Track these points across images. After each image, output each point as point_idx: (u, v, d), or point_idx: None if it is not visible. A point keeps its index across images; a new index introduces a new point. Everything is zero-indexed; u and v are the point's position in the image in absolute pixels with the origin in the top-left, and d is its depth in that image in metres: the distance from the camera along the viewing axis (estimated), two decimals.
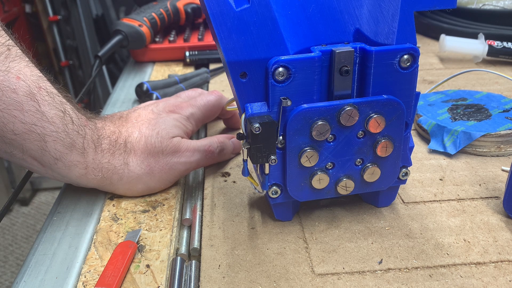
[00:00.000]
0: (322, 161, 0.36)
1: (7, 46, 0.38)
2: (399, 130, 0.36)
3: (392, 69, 0.34)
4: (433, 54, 0.77)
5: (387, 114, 0.35)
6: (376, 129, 0.35)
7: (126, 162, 0.43)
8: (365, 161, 0.37)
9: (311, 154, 0.35)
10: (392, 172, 0.38)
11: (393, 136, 0.36)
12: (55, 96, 0.40)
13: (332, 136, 0.35)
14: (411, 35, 0.35)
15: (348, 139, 0.36)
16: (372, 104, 0.35)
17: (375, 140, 0.36)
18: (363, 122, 0.35)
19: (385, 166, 0.37)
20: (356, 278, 0.35)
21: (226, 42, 0.33)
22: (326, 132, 0.34)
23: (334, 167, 0.37)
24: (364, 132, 0.36)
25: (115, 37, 0.76)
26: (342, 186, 0.37)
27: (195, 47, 0.81)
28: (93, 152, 0.41)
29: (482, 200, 0.43)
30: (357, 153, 0.36)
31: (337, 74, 0.34)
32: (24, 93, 0.37)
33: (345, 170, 0.37)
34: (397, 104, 0.35)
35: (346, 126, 0.35)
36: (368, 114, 0.35)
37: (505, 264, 0.35)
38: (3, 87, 0.36)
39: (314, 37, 0.35)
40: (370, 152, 0.36)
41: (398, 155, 0.37)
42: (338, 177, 0.37)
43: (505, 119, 0.51)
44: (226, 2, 0.32)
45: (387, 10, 0.34)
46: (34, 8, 1.61)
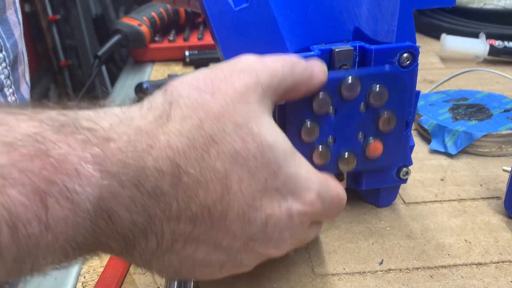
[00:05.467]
0: (323, 136, 0.35)
1: None
2: (402, 103, 0.35)
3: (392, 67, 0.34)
4: (434, 54, 0.77)
5: (389, 86, 0.34)
6: (378, 102, 0.34)
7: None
8: (367, 135, 0.35)
9: (312, 128, 0.34)
10: (394, 148, 0.37)
11: (396, 110, 0.35)
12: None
13: (333, 109, 0.34)
14: (411, 34, 0.34)
15: (350, 112, 0.34)
16: (374, 76, 0.33)
17: (377, 113, 0.35)
18: (365, 94, 0.34)
19: (388, 141, 0.36)
20: (356, 279, 0.35)
21: (225, 41, 0.32)
22: (327, 104, 0.33)
23: (336, 142, 0.35)
24: (366, 105, 0.34)
25: (114, 36, 0.76)
26: (344, 162, 0.36)
27: (195, 47, 0.81)
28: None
29: (483, 201, 0.42)
30: (359, 127, 0.35)
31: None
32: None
33: (346, 145, 0.36)
34: (399, 76, 0.34)
35: (347, 98, 0.34)
36: (369, 86, 0.34)
37: (506, 265, 0.35)
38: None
39: (314, 36, 0.35)
40: (372, 126, 0.35)
41: (401, 130, 0.36)
42: (339, 153, 0.36)
43: (506, 119, 0.51)
44: (225, 2, 0.32)
45: (386, 9, 0.34)
46: (33, 7, 1.60)
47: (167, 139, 0.24)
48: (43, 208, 0.20)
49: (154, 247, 0.25)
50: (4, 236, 0.19)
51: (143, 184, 0.23)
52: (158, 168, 0.23)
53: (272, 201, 0.27)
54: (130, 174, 0.22)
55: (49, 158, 0.20)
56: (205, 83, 0.26)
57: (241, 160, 0.25)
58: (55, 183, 0.20)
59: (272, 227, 0.27)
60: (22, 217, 0.19)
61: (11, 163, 0.19)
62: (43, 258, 0.21)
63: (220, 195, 0.25)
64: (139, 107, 0.25)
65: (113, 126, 0.23)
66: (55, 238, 0.21)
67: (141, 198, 0.23)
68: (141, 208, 0.23)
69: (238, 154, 0.25)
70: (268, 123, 0.27)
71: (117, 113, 0.24)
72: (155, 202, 0.23)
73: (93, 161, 0.21)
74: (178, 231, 0.25)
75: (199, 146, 0.24)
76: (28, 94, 0.48)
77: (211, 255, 0.27)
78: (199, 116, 0.25)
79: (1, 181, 0.19)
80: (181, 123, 0.24)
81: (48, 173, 0.20)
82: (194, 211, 0.25)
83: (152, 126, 0.24)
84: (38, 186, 0.20)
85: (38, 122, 0.21)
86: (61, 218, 0.20)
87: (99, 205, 0.22)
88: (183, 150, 0.24)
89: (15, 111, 0.21)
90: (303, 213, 0.28)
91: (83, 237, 0.22)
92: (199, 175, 0.24)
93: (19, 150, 0.20)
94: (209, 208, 0.25)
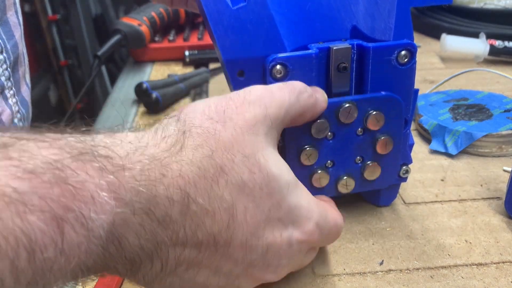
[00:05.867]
0: (322, 159, 0.36)
1: None
2: (399, 127, 0.36)
3: (390, 65, 0.34)
4: (434, 54, 0.76)
5: (386, 110, 0.35)
6: (375, 126, 0.35)
7: None
8: (365, 158, 0.37)
9: (311, 152, 0.35)
10: (392, 170, 0.38)
11: (393, 133, 0.36)
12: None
13: (331, 134, 0.35)
14: (408, 31, 0.34)
15: (348, 136, 0.35)
16: (371, 101, 0.34)
17: (375, 137, 0.36)
18: (362, 119, 0.35)
19: (385, 163, 0.37)
20: (357, 279, 0.34)
21: (223, 40, 0.32)
22: (325, 129, 0.34)
23: (334, 165, 0.36)
24: (363, 129, 0.35)
25: (114, 36, 0.76)
26: (342, 185, 0.37)
27: (194, 47, 0.81)
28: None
29: (484, 201, 0.42)
30: (357, 150, 0.36)
31: (334, 71, 0.34)
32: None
33: (345, 168, 0.37)
34: (396, 101, 0.35)
35: (345, 123, 0.35)
36: (367, 110, 0.35)
37: (506, 265, 0.35)
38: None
39: (311, 34, 0.35)
40: (370, 150, 0.36)
41: (398, 152, 0.37)
42: (338, 176, 0.37)
43: (507, 119, 0.50)
44: (222, 1, 0.32)
45: (384, 7, 0.34)
46: (33, 7, 1.60)
47: (179, 168, 0.24)
48: (60, 234, 0.20)
49: (158, 270, 0.26)
50: (22, 261, 0.19)
51: (154, 211, 0.23)
52: (169, 196, 0.24)
53: (273, 230, 0.28)
54: (142, 202, 0.23)
55: (67, 186, 0.21)
56: (217, 112, 0.27)
57: (247, 190, 0.26)
58: (72, 210, 0.21)
59: (272, 254, 0.28)
60: (39, 242, 0.20)
61: (32, 190, 0.20)
62: (54, 281, 0.21)
63: (226, 224, 0.26)
64: (153, 133, 0.26)
65: (129, 154, 0.23)
66: (68, 262, 0.21)
67: (150, 225, 0.24)
68: (150, 235, 0.24)
69: (245, 185, 0.26)
70: (273, 155, 0.28)
71: (132, 141, 0.25)
72: (163, 229, 0.24)
73: (108, 189, 0.22)
74: (183, 256, 0.26)
75: (209, 176, 0.25)
76: (28, 96, 0.48)
77: (211, 279, 0.28)
78: (211, 146, 0.26)
79: (22, 208, 0.19)
80: (193, 152, 0.25)
81: (66, 200, 0.20)
82: (200, 238, 0.25)
83: (165, 154, 0.24)
84: (56, 212, 0.20)
85: (58, 149, 0.22)
86: (76, 243, 0.21)
87: (111, 232, 0.22)
88: (194, 179, 0.25)
89: (35, 138, 0.22)
90: (302, 242, 0.29)
91: (93, 261, 0.22)
92: (207, 204, 0.25)
93: (40, 177, 0.20)
94: (215, 236, 0.26)
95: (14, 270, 0.19)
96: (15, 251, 0.19)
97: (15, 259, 0.19)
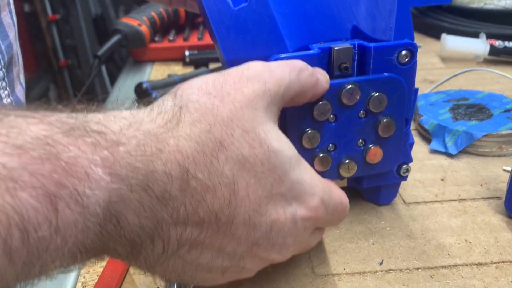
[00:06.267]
0: (324, 142, 0.35)
1: None
2: (401, 109, 0.35)
3: (391, 65, 0.34)
4: (434, 54, 0.77)
5: (388, 92, 0.34)
6: (378, 108, 0.34)
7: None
8: (367, 142, 0.36)
9: (313, 135, 0.34)
10: (394, 154, 0.37)
11: (395, 115, 0.35)
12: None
13: (334, 116, 0.34)
14: (409, 31, 0.34)
15: (350, 119, 0.35)
16: (374, 82, 0.34)
17: (377, 119, 0.35)
18: (364, 101, 0.34)
19: (388, 146, 0.36)
20: (357, 279, 0.34)
21: (225, 41, 0.32)
22: (327, 112, 0.34)
23: (336, 149, 0.36)
24: (365, 111, 0.35)
25: (114, 36, 0.76)
26: (344, 168, 0.36)
27: (194, 47, 0.81)
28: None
29: (484, 201, 0.42)
30: (359, 133, 0.35)
31: (336, 71, 0.34)
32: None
33: (347, 152, 0.36)
34: (398, 82, 0.34)
35: (347, 105, 0.34)
36: (369, 92, 0.34)
37: (506, 265, 0.35)
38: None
39: (313, 34, 0.35)
40: (372, 132, 0.36)
41: (401, 136, 0.36)
42: (340, 159, 0.36)
43: (507, 119, 0.50)
44: (223, 1, 0.32)
45: (384, 7, 0.34)
46: (32, 7, 1.60)
47: (177, 143, 0.24)
48: (54, 211, 0.19)
49: (160, 252, 0.25)
50: (15, 240, 0.18)
51: (152, 188, 0.23)
52: (167, 172, 0.23)
53: (277, 207, 0.27)
54: (139, 178, 0.22)
55: (59, 161, 0.20)
56: (215, 87, 0.26)
57: (248, 166, 0.26)
58: (66, 186, 0.20)
59: (276, 232, 0.27)
60: (33, 220, 0.19)
61: (22, 166, 0.19)
62: (51, 262, 0.21)
63: (227, 200, 0.25)
64: (148, 110, 0.25)
65: (123, 130, 0.23)
66: (65, 241, 0.20)
67: (149, 202, 0.23)
68: (149, 212, 0.23)
69: (246, 160, 0.26)
70: (274, 130, 0.27)
71: (126, 117, 0.24)
72: (163, 206, 0.23)
73: (102, 164, 0.21)
74: (185, 236, 0.25)
75: (208, 151, 0.24)
76: (23, 96, 0.48)
77: (215, 260, 0.27)
78: (209, 120, 0.25)
79: (12, 184, 0.18)
80: (190, 127, 0.24)
81: (58, 176, 0.20)
82: (201, 216, 0.25)
83: (161, 130, 0.24)
84: (49, 189, 0.19)
85: (48, 125, 0.21)
86: (71, 221, 0.20)
87: (108, 209, 0.22)
88: (192, 154, 0.24)
89: (25, 114, 0.21)
90: (307, 218, 0.28)
91: (91, 241, 0.22)
92: (207, 180, 0.24)
93: (30, 153, 0.19)
94: (216, 213, 0.25)
95: (7, 250, 0.18)
96: (7, 229, 0.18)
97: (8, 238, 0.18)
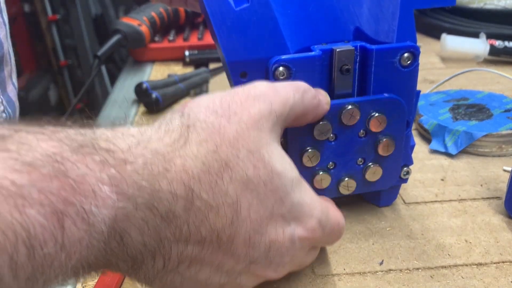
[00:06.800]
0: (324, 161, 0.36)
1: None
2: (401, 129, 0.36)
3: (393, 67, 0.34)
4: (434, 54, 0.77)
5: (388, 112, 0.35)
6: (378, 128, 0.35)
7: None
8: (366, 160, 0.37)
9: (313, 154, 0.35)
10: (393, 171, 0.38)
11: (395, 135, 0.36)
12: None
13: (334, 136, 0.35)
14: (411, 33, 0.34)
15: (350, 138, 0.35)
16: (373, 103, 0.34)
17: (377, 139, 0.36)
18: (364, 121, 0.35)
19: (387, 165, 0.37)
20: (357, 279, 0.34)
21: (226, 42, 0.32)
22: (328, 131, 0.34)
23: (336, 167, 0.36)
24: (365, 131, 0.35)
25: (114, 36, 0.76)
26: (344, 186, 0.37)
27: (194, 47, 0.81)
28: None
29: (484, 201, 0.42)
30: (359, 152, 0.36)
31: (337, 73, 0.34)
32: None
33: (346, 170, 0.37)
34: (398, 103, 0.35)
35: (347, 125, 0.35)
36: (369, 113, 0.35)
37: (506, 265, 0.35)
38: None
39: (314, 36, 0.35)
40: (371, 151, 0.36)
41: (400, 154, 0.37)
42: (339, 177, 0.37)
43: (507, 119, 0.50)
44: (225, 2, 0.32)
45: (387, 8, 0.34)
46: (32, 7, 1.60)
47: (183, 163, 0.24)
48: (60, 229, 0.20)
49: (160, 267, 0.25)
50: (21, 256, 0.19)
51: (157, 207, 0.23)
52: (172, 191, 0.23)
53: (276, 227, 0.28)
54: (145, 196, 0.22)
55: (67, 179, 0.20)
56: (222, 106, 0.27)
57: (252, 186, 0.26)
58: (73, 204, 0.20)
59: (275, 251, 0.28)
60: (39, 237, 0.19)
61: (31, 183, 0.19)
62: (55, 277, 0.21)
63: (230, 220, 0.26)
64: (156, 128, 0.25)
65: (131, 148, 0.23)
66: (69, 258, 0.20)
67: (153, 221, 0.23)
68: (153, 231, 0.23)
69: (250, 180, 0.26)
70: (277, 151, 0.28)
71: (134, 134, 0.24)
72: (166, 225, 0.24)
73: (109, 182, 0.21)
74: (186, 253, 0.25)
75: (213, 171, 0.25)
76: (15, 96, 0.47)
77: (213, 276, 0.27)
78: (215, 141, 0.25)
79: (21, 201, 0.19)
80: (197, 147, 0.25)
81: (66, 194, 0.20)
82: (203, 234, 0.25)
83: (169, 149, 0.24)
84: (56, 206, 0.19)
85: (58, 141, 0.21)
86: (77, 238, 0.20)
87: (113, 227, 0.22)
88: (198, 174, 0.24)
89: (34, 130, 0.21)
90: (304, 239, 0.29)
91: (94, 257, 0.22)
92: (211, 200, 0.25)
93: (39, 170, 0.20)
94: (218, 232, 0.25)
95: (13, 266, 0.18)
96: (14, 246, 0.18)
97: (14, 255, 0.18)
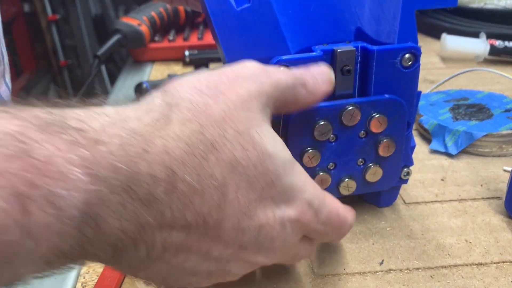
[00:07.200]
0: (324, 161, 0.36)
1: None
2: (401, 130, 0.36)
3: (394, 68, 0.34)
4: (435, 54, 0.77)
5: (389, 113, 0.35)
6: (378, 128, 0.35)
7: None
8: (367, 161, 0.37)
9: (313, 154, 0.35)
10: (394, 172, 0.38)
11: (395, 136, 0.36)
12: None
13: (334, 136, 0.35)
14: (413, 34, 0.34)
15: (350, 139, 0.35)
16: (374, 104, 0.34)
17: (377, 139, 0.36)
18: (365, 121, 0.35)
19: (387, 166, 0.37)
20: (357, 279, 0.34)
21: (227, 42, 0.32)
22: (328, 132, 0.34)
23: (336, 167, 0.36)
24: (366, 132, 0.35)
25: (114, 36, 0.76)
26: (344, 187, 0.37)
27: (194, 47, 0.81)
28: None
29: (484, 201, 0.42)
30: (359, 153, 0.36)
31: (338, 74, 0.34)
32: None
33: (347, 170, 0.37)
34: (399, 104, 0.35)
35: (348, 126, 0.35)
36: (370, 113, 0.35)
37: (506, 265, 0.35)
38: None
39: (316, 36, 0.35)
40: (372, 152, 0.36)
41: (400, 155, 0.37)
42: (340, 178, 0.37)
43: (507, 119, 0.50)
44: (226, 2, 0.32)
45: (388, 9, 0.34)
46: (32, 7, 1.60)
47: (164, 143, 0.23)
48: (23, 213, 0.18)
49: (144, 256, 0.24)
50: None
51: (135, 190, 0.22)
52: (152, 174, 0.22)
53: (266, 210, 0.26)
54: (121, 179, 0.21)
55: (31, 159, 0.18)
56: (208, 86, 0.25)
57: (240, 169, 0.25)
58: (38, 186, 0.18)
59: (265, 235, 0.27)
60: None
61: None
62: (23, 267, 0.19)
63: (216, 203, 0.24)
64: (135, 107, 0.24)
65: (104, 128, 0.21)
66: (37, 245, 0.19)
67: (131, 205, 0.22)
68: (131, 215, 0.22)
69: (238, 163, 0.25)
70: (269, 132, 0.26)
71: (110, 114, 0.22)
72: (147, 209, 0.22)
73: (80, 164, 0.20)
74: (170, 240, 0.24)
75: (198, 153, 0.23)
76: (8, 97, 0.47)
77: (201, 264, 0.26)
78: (200, 121, 0.24)
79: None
80: (180, 127, 0.23)
81: (30, 175, 0.18)
82: (189, 219, 0.24)
83: (148, 129, 0.23)
84: (19, 189, 0.18)
85: (21, 120, 0.19)
86: (44, 224, 0.19)
87: (86, 212, 0.20)
88: (181, 156, 0.23)
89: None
90: (294, 220, 0.27)
91: (68, 245, 0.20)
92: (196, 183, 0.23)
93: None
94: (204, 217, 0.24)
95: None
96: None
97: None
